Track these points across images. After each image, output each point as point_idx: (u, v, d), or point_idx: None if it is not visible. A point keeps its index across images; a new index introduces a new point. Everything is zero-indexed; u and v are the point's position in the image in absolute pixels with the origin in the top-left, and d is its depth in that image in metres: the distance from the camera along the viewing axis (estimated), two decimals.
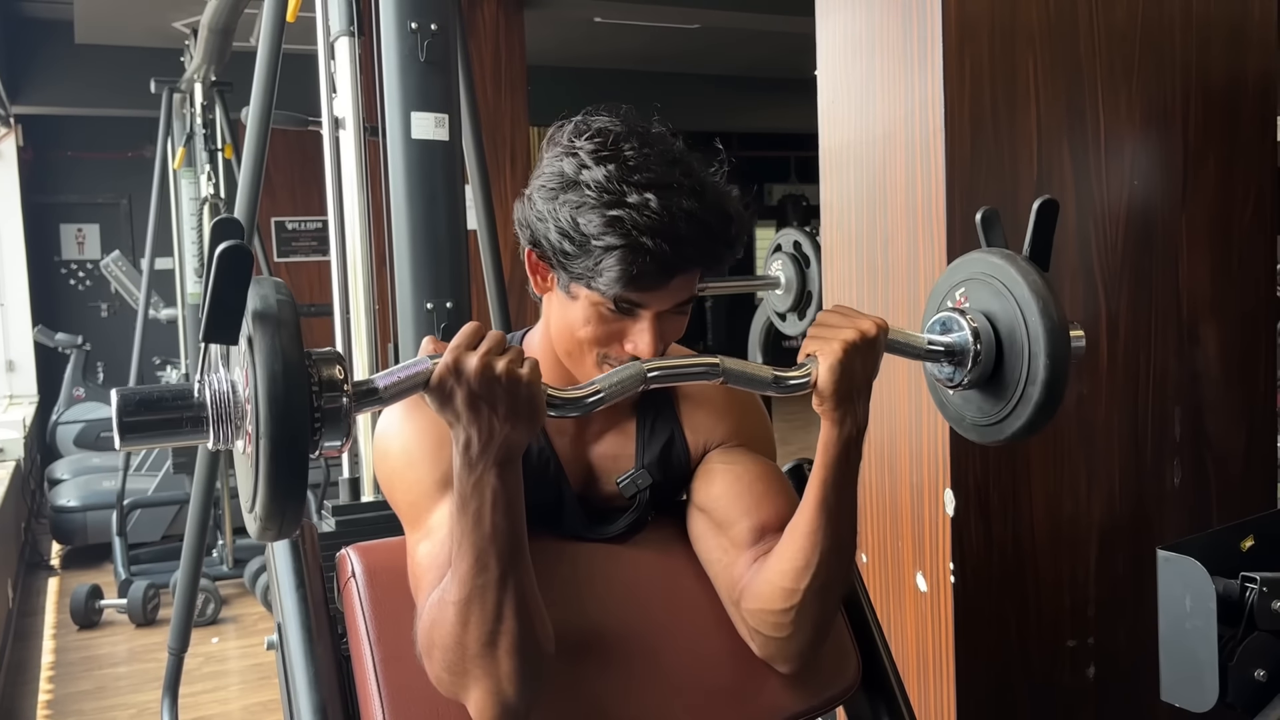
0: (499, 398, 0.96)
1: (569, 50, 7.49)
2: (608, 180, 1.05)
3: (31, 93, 7.00)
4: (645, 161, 1.07)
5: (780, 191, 12.20)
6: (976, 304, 1.22)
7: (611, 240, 1.04)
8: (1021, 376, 1.16)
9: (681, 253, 1.06)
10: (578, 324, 1.12)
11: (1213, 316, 2.07)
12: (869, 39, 1.97)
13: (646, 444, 1.25)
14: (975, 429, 1.25)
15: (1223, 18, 2.03)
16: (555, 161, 1.10)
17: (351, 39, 2.24)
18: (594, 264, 1.06)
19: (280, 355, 0.85)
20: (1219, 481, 2.08)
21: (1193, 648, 1.45)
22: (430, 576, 1.09)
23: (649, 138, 1.10)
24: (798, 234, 3.30)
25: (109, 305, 8.44)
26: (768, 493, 1.23)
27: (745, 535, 1.21)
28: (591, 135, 1.09)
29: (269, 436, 0.84)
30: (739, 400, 1.29)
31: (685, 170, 1.09)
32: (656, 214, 1.04)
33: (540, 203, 1.10)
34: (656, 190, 1.05)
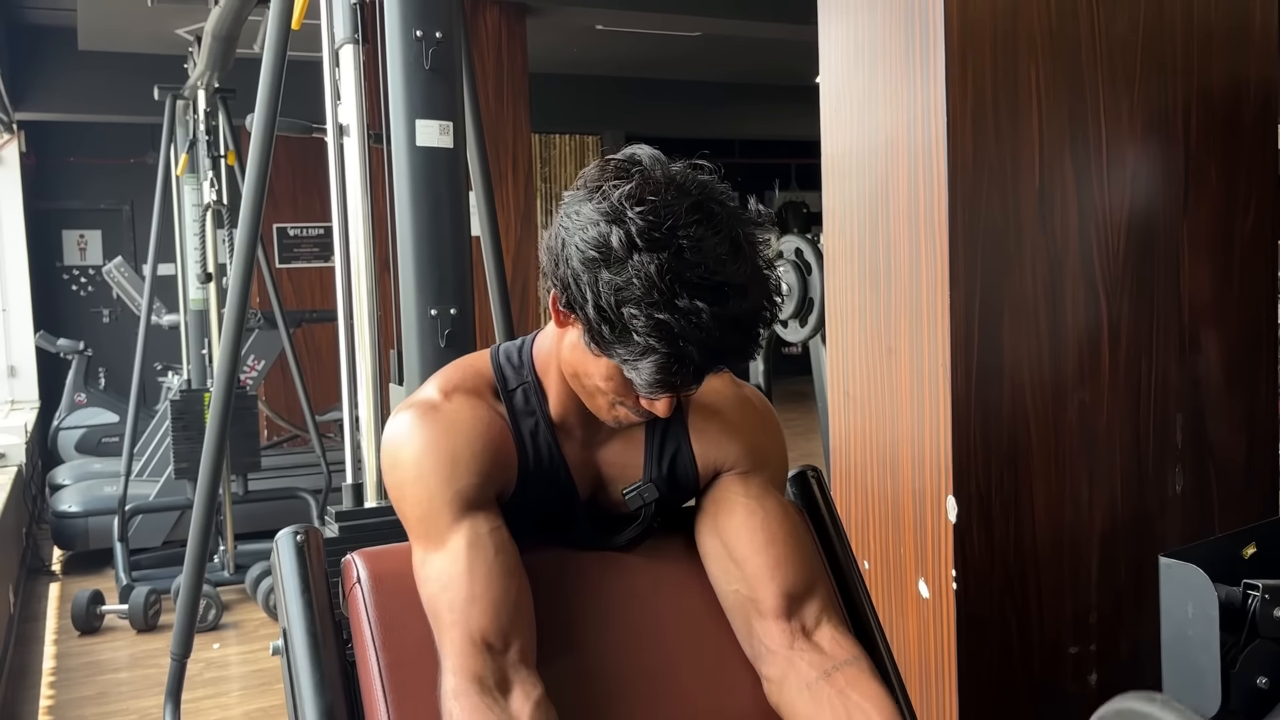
0: None
1: (571, 56, 7.50)
2: (659, 275, 0.98)
3: (34, 98, 7.01)
4: (699, 255, 0.99)
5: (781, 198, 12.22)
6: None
7: (654, 344, 1.00)
8: None
9: (721, 359, 1.04)
10: (595, 375, 1.12)
11: (1214, 323, 2.07)
12: (871, 47, 1.98)
13: (655, 457, 1.25)
14: None
15: (1224, 26, 2.04)
16: (600, 222, 1.02)
17: (356, 47, 2.24)
18: (632, 358, 1.03)
19: None
20: (1221, 488, 2.08)
21: (1195, 655, 1.45)
22: (446, 598, 1.10)
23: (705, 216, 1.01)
24: (799, 241, 3.30)
25: (111, 311, 8.45)
26: (790, 552, 1.24)
27: (770, 597, 1.22)
28: (645, 210, 1.00)
29: None
30: (751, 416, 1.29)
31: (739, 263, 1.02)
32: (705, 325, 0.99)
33: (578, 263, 1.03)
34: (707, 295, 0.99)
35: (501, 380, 1.22)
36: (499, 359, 1.24)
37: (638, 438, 1.25)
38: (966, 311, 1.83)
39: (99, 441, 6.77)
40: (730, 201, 1.05)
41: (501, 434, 1.19)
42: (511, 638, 1.10)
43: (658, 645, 1.24)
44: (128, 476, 5.11)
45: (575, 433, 1.23)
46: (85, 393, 6.94)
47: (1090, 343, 1.95)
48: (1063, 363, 1.93)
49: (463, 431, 1.16)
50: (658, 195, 1.01)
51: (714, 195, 1.04)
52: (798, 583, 1.22)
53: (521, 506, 1.20)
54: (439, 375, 1.23)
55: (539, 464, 1.21)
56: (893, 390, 1.95)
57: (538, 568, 1.19)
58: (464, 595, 1.10)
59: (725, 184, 1.07)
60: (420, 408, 1.18)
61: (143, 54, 6.59)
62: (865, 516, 2.05)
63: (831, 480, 2.16)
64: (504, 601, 1.11)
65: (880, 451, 2.00)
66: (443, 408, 1.17)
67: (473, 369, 1.23)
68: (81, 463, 6.37)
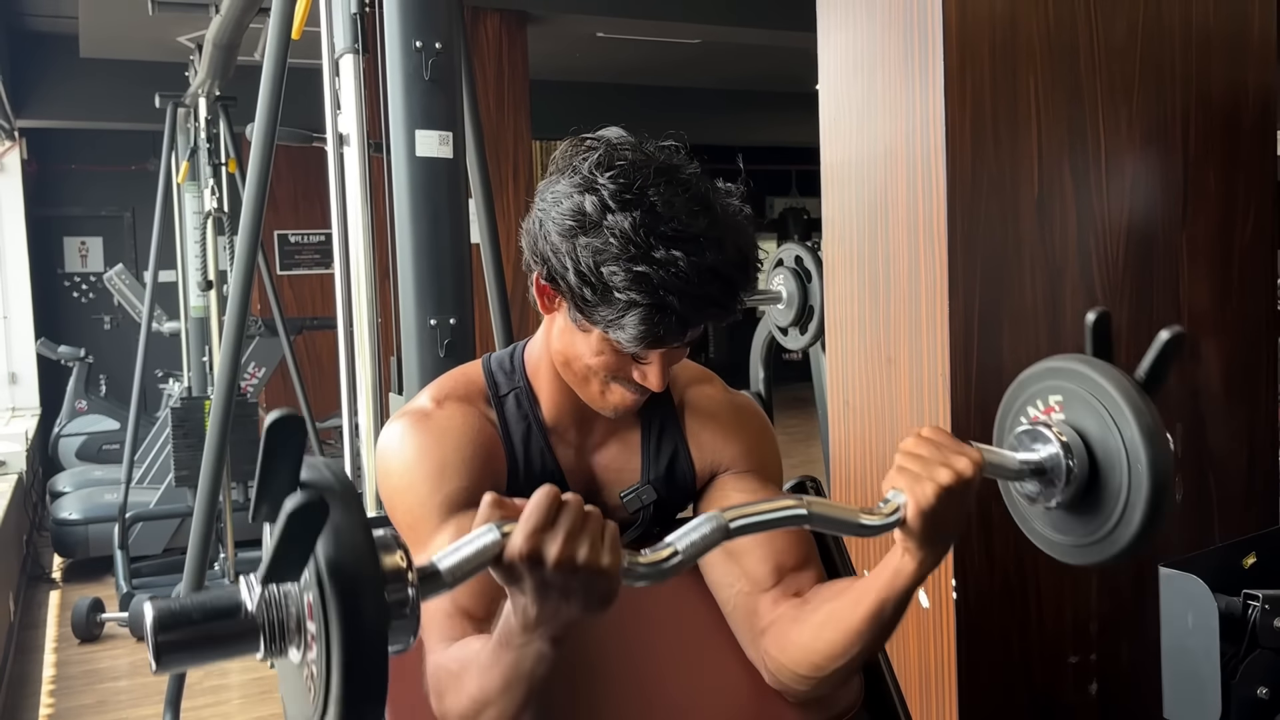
0: (574, 590, 0.89)
1: (571, 64, 7.52)
2: (634, 230, 1.02)
3: (36, 106, 7.03)
4: (671, 209, 1.03)
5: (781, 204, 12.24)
6: (1068, 415, 1.12)
7: (635, 297, 1.02)
8: (1121, 497, 1.06)
9: (703, 310, 1.05)
10: (586, 353, 1.12)
11: (1214, 332, 2.07)
12: (870, 56, 1.98)
13: (652, 459, 1.25)
14: (1066, 550, 1.14)
15: (1222, 32, 2.04)
16: (574, 194, 1.06)
17: (356, 56, 2.25)
18: (615, 316, 1.04)
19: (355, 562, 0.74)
20: (1220, 498, 2.08)
21: (1195, 665, 1.45)
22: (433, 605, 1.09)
23: (674, 177, 1.06)
24: (799, 249, 3.30)
25: (112, 318, 8.46)
26: (785, 534, 1.23)
27: (765, 575, 1.21)
28: (614, 174, 1.05)
29: (347, 655, 0.73)
30: (746, 420, 1.29)
31: (710, 218, 1.05)
32: (683, 273, 1.02)
33: (556, 236, 1.06)
34: (684, 245, 1.02)
35: (493, 387, 1.23)
36: (491, 366, 1.25)
37: (633, 441, 1.25)
38: (966, 320, 1.83)
39: (100, 449, 6.78)
40: (697, 171, 1.10)
41: (491, 439, 1.19)
42: (495, 612, 1.08)
43: (654, 653, 1.24)
44: (128, 484, 5.11)
45: (569, 436, 1.24)
46: (86, 400, 6.95)
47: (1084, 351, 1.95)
48: None
49: (452, 438, 1.16)
50: (625, 161, 1.06)
51: (680, 161, 1.09)
52: (790, 555, 1.21)
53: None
54: (432, 385, 1.23)
55: (530, 468, 1.21)
56: (892, 399, 1.95)
57: None
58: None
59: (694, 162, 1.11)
60: (412, 416, 1.19)
61: (144, 61, 6.61)
62: None
63: (831, 489, 2.15)
64: (487, 586, 1.10)
65: (880, 460, 1.99)
66: (434, 415, 1.18)
67: (465, 377, 1.24)
68: (82, 470, 6.37)
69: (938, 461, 1.03)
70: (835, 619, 1.12)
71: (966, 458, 1.04)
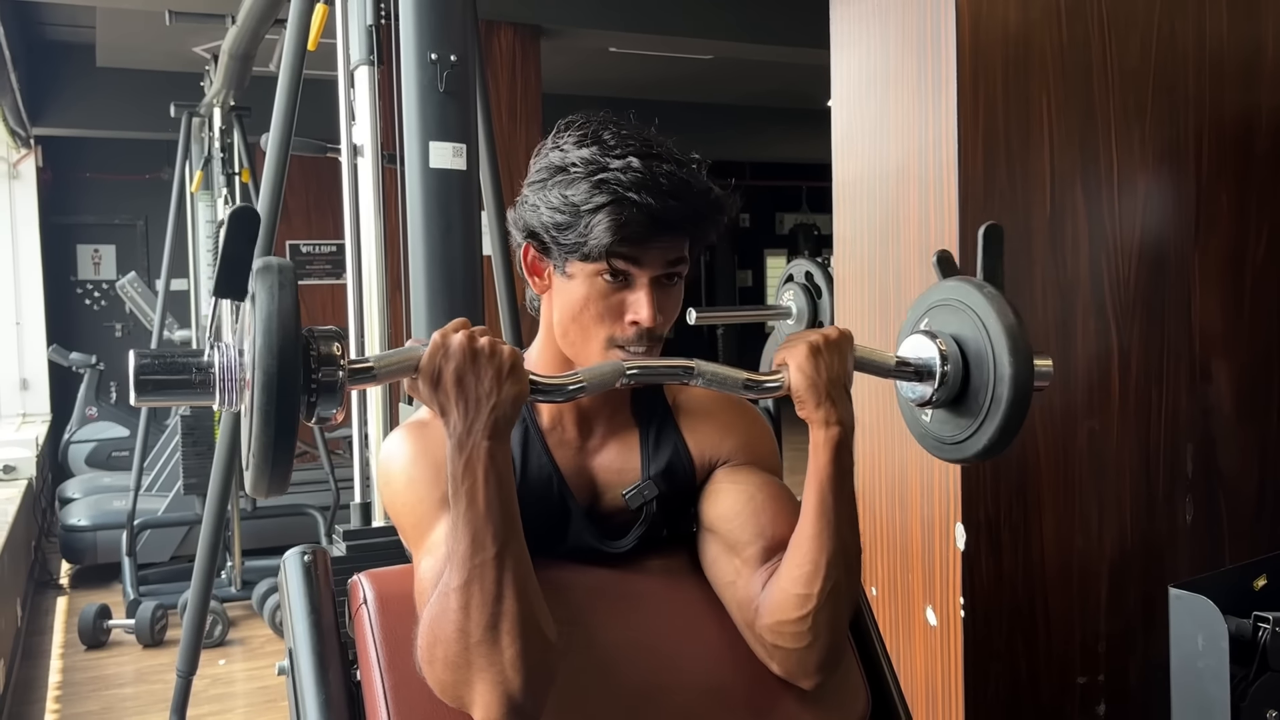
0: (483, 367, 1.02)
1: (583, 78, 7.54)
2: (591, 156, 1.13)
3: (52, 114, 7.08)
4: (623, 140, 1.15)
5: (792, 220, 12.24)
6: (946, 328, 1.25)
7: (599, 200, 1.10)
8: (986, 399, 1.19)
9: (666, 205, 1.11)
10: (577, 305, 1.15)
11: (1225, 353, 2.07)
12: (884, 74, 1.99)
13: (651, 456, 1.25)
14: (939, 446, 1.28)
15: (1235, 55, 2.04)
16: (541, 160, 1.18)
17: (371, 68, 2.26)
18: (585, 227, 1.11)
19: (278, 323, 0.93)
20: (1231, 518, 2.07)
21: (1205, 687, 1.44)
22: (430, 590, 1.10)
23: (624, 126, 1.18)
24: (809, 264, 3.30)
25: (123, 325, 8.49)
26: (779, 513, 1.23)
27: (756, 555, 1.22)
28: (572, 130, 1.18)
29: (262, 396, 0.91)
30: (741, 415, 1.30)
31: (662, 145, 1.16)
32: (640, 172, 1.10)
33: (531, 195, 1.17)
34: (638, 156, 1.12)
35: None
36: None
37: (632, 441, 1.26)
38: None
39: (109, 456, 6.79)
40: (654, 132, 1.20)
41: None
42: None
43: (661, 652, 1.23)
44: (137, 491, 5.12)
45: (569, 439, 1.24)
46: (96, 407, 6.97)
47: (1100, 371, 1.95)
48: (1073, 390, 1.92)
49: None
50: (582, 121, 1.19)
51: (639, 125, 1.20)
52: (782, 537, 1.21)
53: None
54: None
55: (527, 472, 1.21)
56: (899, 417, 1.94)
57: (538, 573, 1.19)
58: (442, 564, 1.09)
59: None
60: (410, 426, 1.22)
61: (160, 71, 6.66)
62: (873, 543, 2.04)
63: None
64: None
65: (889, 478, 1.99)
66: (431, 424, 1.19)
67: None
68: (91, 477, 6.39)
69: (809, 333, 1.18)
70: (795, 541, 1.17)
71: (832, 328, 1.20)
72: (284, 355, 0.93)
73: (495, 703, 1.03)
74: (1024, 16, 1.86)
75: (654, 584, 1.27)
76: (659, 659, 1.23)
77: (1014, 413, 1.17)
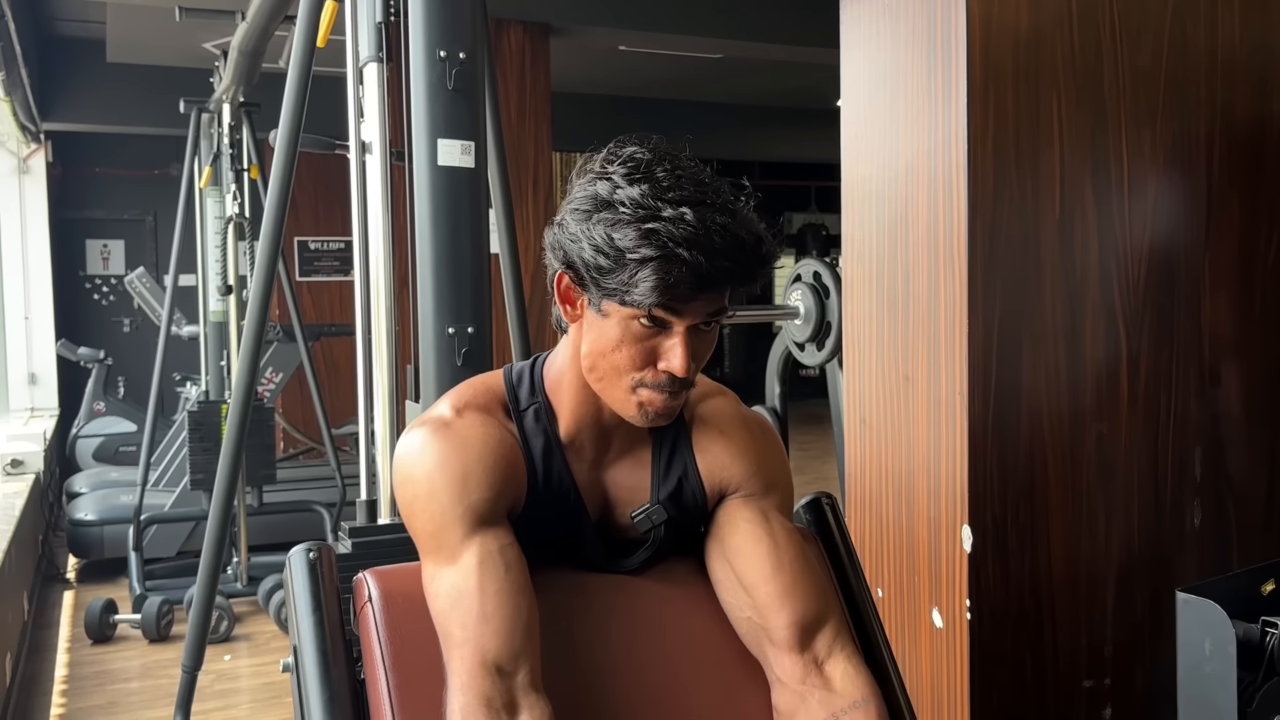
0: None
1: (593, 78, 7.54)
2: (642, 197, 1.07)
3: (62, 110, 7.09)
4: (678, 181, 1.09)
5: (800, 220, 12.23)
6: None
7: (647, 252, 1.05)
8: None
9: (716, 265, 1.07)
10: (610, 345, 1.13)
11: (1235, 357, 2.06)
12: (894, 74, 1.98)
13: (662, 479, 1.25)
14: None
15: (1247, 58, 2.04)
16: (588, 186, 1.12)
17: (380, 65, 2.26)
18: (629, 277, 1.07)
19: None
20: (1240, 523, 2.06)
21: (1211, 692, 1.44)
22: (456, 615, 1.10)
23: (680, 162, 1.12)
24: (817, 264, 3.29)
25: (131, 321, 8.52)
26: (799, 577, 1.23)
27: (785, 633, 1.21)
28: (623, 161, 1.12)
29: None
30: (755, 440, 1.29)
31: (716, 191, 1.11)
32: (692, 227, 1.06)
33: (573, 225, 1.11)
34: (691, 206, 1.07)
35: (514, 400, 1.23)
36: (511, 379, 1.25)
37: (645, 459, 1.25)
38: (985, 340, 1.82)
39: (116, 450, 6.81)
40: (707, 170, 1.16)
41: (512, 451, 1.19)
42: (521, 660, 1.10)
43: (667, 670, 1.23)
44: (144, 486, 5.13)
45: (585, 453, 1.24)
46: (104, 401, 6.99)
47: (1109, 374, 1.94)
48: (1081, 394, 1.92)
49: (474, 448, 1.16)
50: (634, 150, 1.13)
51: (691, 160, 1.16)
52: (808, 612, 1.21)
53: (531, 526, 1.20)
54: (451, 393, 1.23)
55: (549, 483, 1.21)
56: (909, 418, 1.94)
57: (547, 588, 1.19)
58: (475, 614, 1.10)
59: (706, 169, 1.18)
60: (432, 425, 1.18)
61: (170, 67, 6.66)
62: (880, 544, 2.03)
63: (846, 507, 2.15)
64: (515, 622, 1.11)
65: (896, 479, 1.99)
66: (455, 424, 1.18)
67: (485, 387, 1.24)
68: (98, 471, 6.40)
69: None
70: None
71: None
72: None
73: None
74: (1035, 17, 1.86)
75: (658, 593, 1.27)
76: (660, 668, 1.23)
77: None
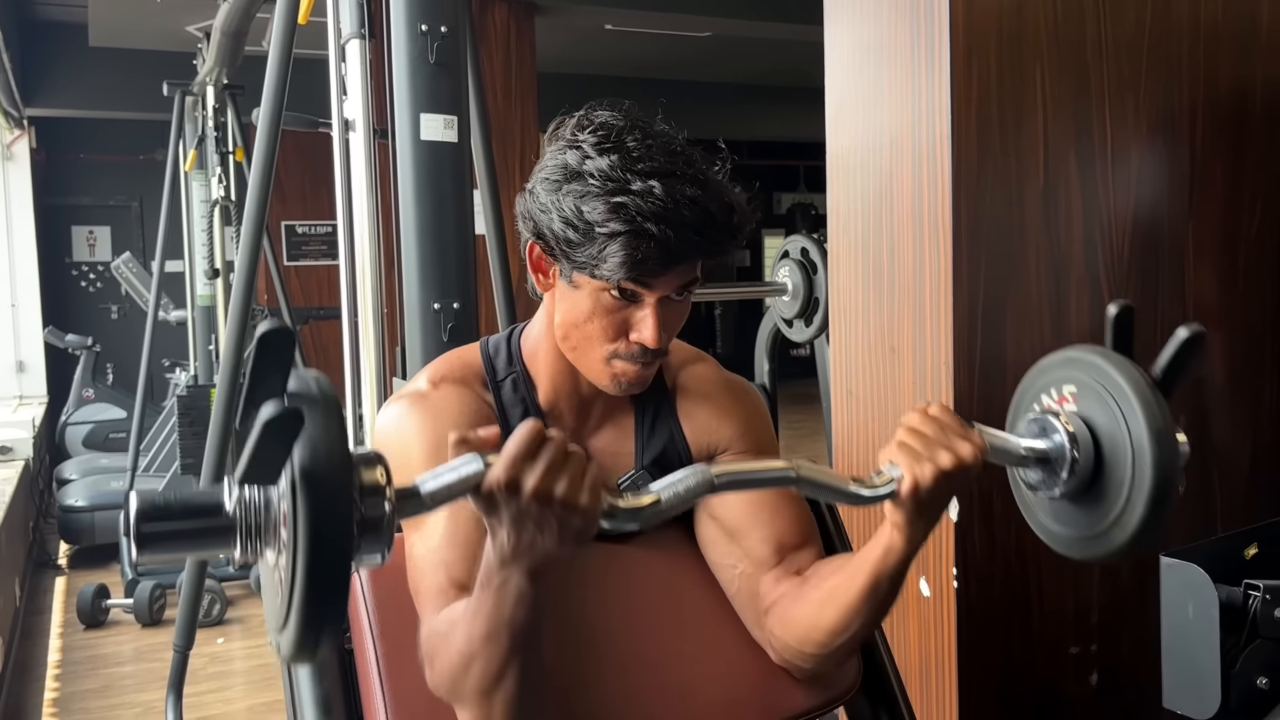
0: (549, 522, 0.90)
1: (580, 56, 7.51)
2: (611, 169, 1.06)
3: (45, 95, 7.05)
4: (648, 152, 1.08)
5: (789, 200, 12.22)
6: (1078, 408, 1.11)
7: (616, 227, 1.05)
8: (1123, 493, 1.06)
9: (685, 239, 1.06)
10: (581, 316, 1.13)
11: (1219, 325, 2.07)
12: (877, 46, 1.98)
13: (645, 444, 1.25)
14: (1064, 540, 1.14)
15: (1231, 26, 2.04)
16: (558, 155, 1.11)
17: (362, 42, 2.25)
18: (598, 251, 1.06)
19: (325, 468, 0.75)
20: (1224, 489, 2.08)
21: (1195, 655, 1.45)
22: (427, 581, 1.10)
23: (651, 131, 1.12)
24: (805, 240, 3.30)
25: (119, 307, 8.49)
26: (781, 505, 1.23)
27: (765, 553, 1.21)
28: (594, 129, 1.11)
29: (308, 557, 0.74)
30: (740, 401, 1.29)
31: (687, 161, 1.10)
32: (660, 200, 1.05)
33: (543, 194, 1.11)
34: (660, 178, 1.06)
35: (490, 371, 1.23)
36: (488, 350, 1.26)
37: (628, 426, 1.25)
38: (970, 311, 1.82)
39: (106, 437, 6.80)
40: (680, 137, 1.14)
41: (488, 421, 1.19)
42: None
43: (657, 638, 1.24)
44: (134, 471, 5.13)
45: (565, 421, 1.24)
46: (93, 388, 6.97)
47: (1094, 343, 1.94)
48: None
49: (449, 418, 1.16)
50: (605, 118, 1.12)
51: (663, 129, 1.14)
52: (791, 534, 1.22)
53: None
54: (428, 367, 1.24)
55: None
56: (895, 389, 1.95)
57: None
58: (443, 551, 1.10)
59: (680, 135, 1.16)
60: (409, 398, 1.19)
61: (153, 51, 6.62)
62: (868, 515, 2.04)
63: None
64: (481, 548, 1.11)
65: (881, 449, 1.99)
66: (431, 396, 1.18)
67: (461, 360, 1.25)
68: (88, 458, 6.39)
69: (941, 444, 1.03)
70: (834, 596, 1.13)
71: (970, 443, 1.04)
72: (334, 502, 0.75)
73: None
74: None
75: (648, 561, 1.27)
76: (652, 634, 1.24)
77: (1159, 506, 1.04)
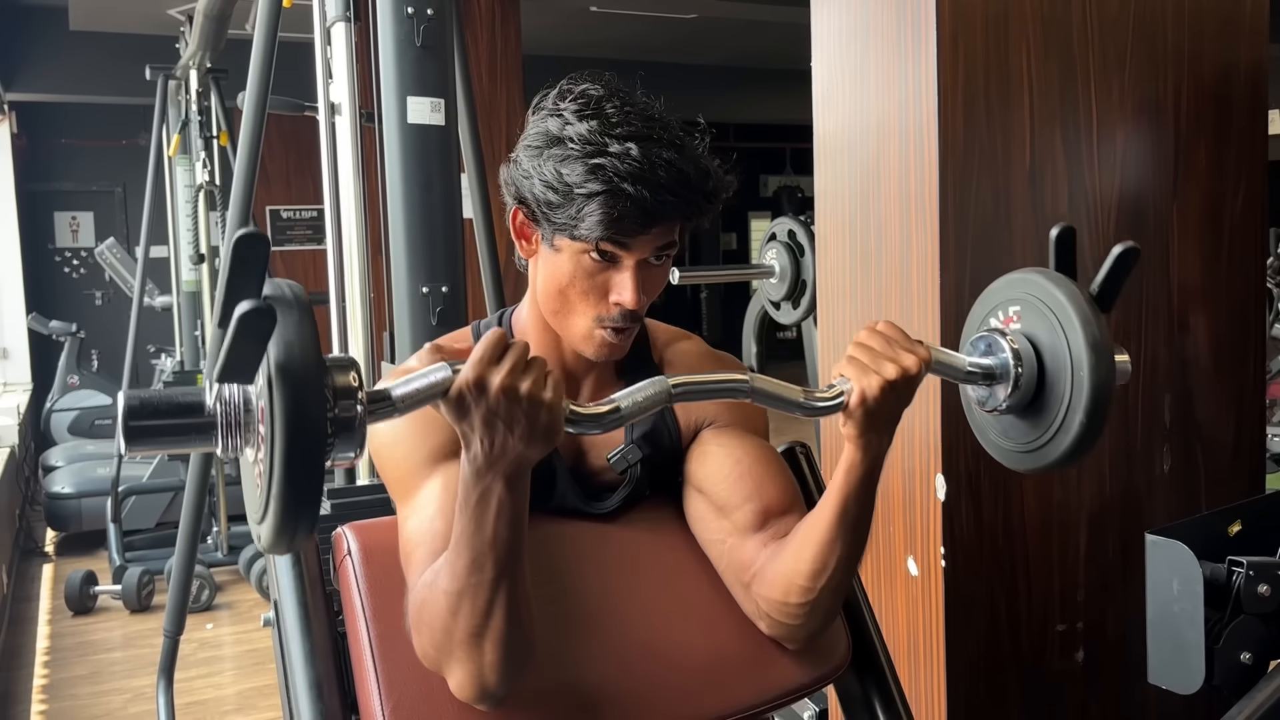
0: (517, 419, 0.95)
1: (565, 39, 7.48)
2: (590, 133, 1.09)
3: (26, 79, 6.97)
4: (626, 118, 1.11)
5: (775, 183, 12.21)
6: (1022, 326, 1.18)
7: (594, 187, 1.08)
8: (1063, 403, 1.12)
9: (661, 199, 1.09)
10: (563, 279, 1.15)
11: (1203, 305, 2.08)
12: (863, 27, 1.98)
13: None
14: (1011, 455, 1.21)
15: (1215, 7, 2.04)
16: (540, 123, 1.14)
17: (348, 24, 2.24)
18: (577, 211, 1.09)
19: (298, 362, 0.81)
20: (1208, 467, 2.10)
21: (1180, 631, 1.46)
22: (419, 552, 1.10)
23: (630, 99, 1.14)
24: (792, 223, 3.30)
25: (103, 293, 8.43)
26: (767, 475, 1.24)
27: (750, 519, 1.22)
28: (575, 97, 1.13)
29: (284, 448, 0.80)
30: None
31: (664, 126, 1.13)
32: (637, 162, 1.08)
33: (525, 161, 1.13)
34: (637, 141, 1.09)
35: None
36: (480, 330, 1.28)
37: None
38: (957, 292, 1.83)
39: (92, 424, 6.77)
40: (659, 105, 1.16)
41: None
42: None
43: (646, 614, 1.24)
44: (121, 458, 5.11)
45: None
46: (78, 375, 6.94)
47: None
48: None
49: None
50: (585, 88, 1.15)
51: (643, 97, 1.16)
52: (775, 501, 1.22)
53: None
54: (421, 350, 1.24)
55: None
56: None
57: None
58: (436, 523, 1.10)
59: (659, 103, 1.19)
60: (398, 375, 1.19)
61: (135, 34, 6.56)
62: None
63: (822, 459, 2.17)
64: None
65: None
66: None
67: (452, 342, 1.26)
68: (74, 445, 6.36)
69: (886, 356, 1.09)
70: (809, 536, 1.16)
71: (914, 355, 1.10)
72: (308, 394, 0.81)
73: (469, 687, 1.06)
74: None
75: (638, 539, 1.28)
76: (644, 613, 1.24)
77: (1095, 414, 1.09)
